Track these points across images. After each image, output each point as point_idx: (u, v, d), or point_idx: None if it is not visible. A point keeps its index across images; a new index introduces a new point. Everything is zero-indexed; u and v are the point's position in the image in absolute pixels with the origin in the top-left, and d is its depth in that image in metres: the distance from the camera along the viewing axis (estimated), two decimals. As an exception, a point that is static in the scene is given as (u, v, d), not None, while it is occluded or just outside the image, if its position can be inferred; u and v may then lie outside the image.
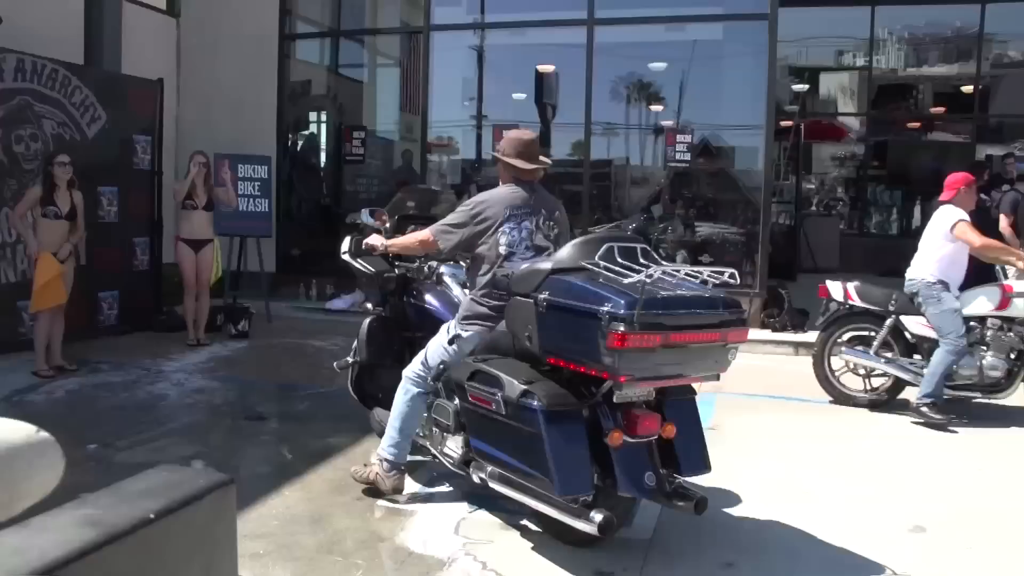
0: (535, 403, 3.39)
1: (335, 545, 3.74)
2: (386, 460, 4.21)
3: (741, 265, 9.95)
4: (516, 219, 4.07)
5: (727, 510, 4.27)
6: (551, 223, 4.17)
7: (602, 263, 3.48)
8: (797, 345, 8.53)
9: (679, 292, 3.46)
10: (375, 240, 4.58)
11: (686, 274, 3.63)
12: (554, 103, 11.13)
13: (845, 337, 6.65)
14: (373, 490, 4.27)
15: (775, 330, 8.95)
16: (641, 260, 3.53)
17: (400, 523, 4.00)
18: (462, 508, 4.18)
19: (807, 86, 16.33)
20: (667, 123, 10.86)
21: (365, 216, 5.01)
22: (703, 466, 3.70)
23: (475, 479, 3.84)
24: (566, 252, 3.68)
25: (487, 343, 3.97)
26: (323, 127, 12.71)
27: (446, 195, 7.89)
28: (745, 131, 10.25)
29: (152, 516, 1.25)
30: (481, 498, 4.27)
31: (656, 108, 11.33)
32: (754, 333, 8.85)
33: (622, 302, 3.23)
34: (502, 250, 4.01)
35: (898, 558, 3.73)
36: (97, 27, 9.36)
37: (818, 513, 4.24)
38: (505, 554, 3.73)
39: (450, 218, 4.17)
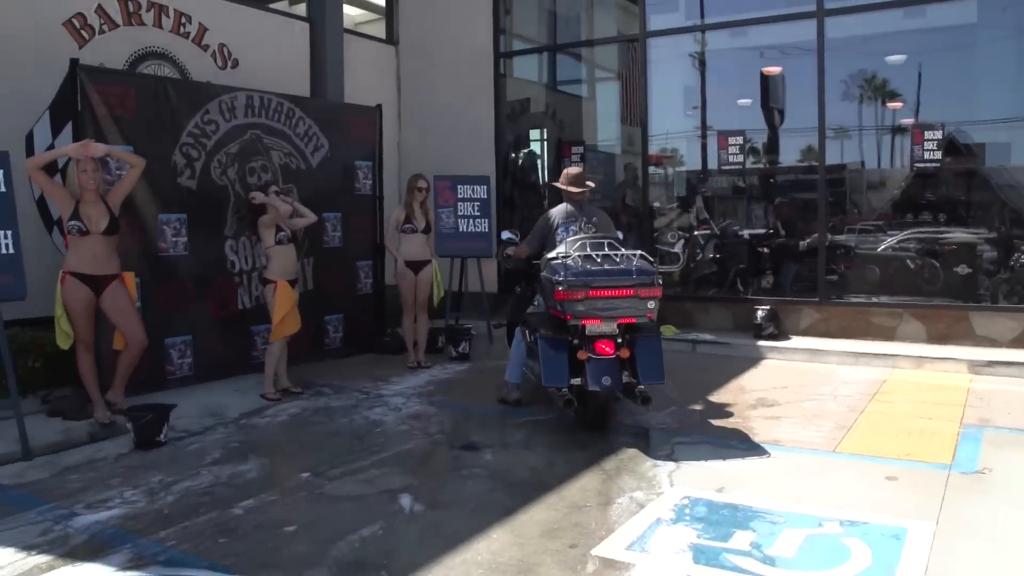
0: (538, 334, 5.72)
1: (542, 601, 3.40)
2: (507, 379, 6.68)
3: (996, 275, 8.80)
4: (565, 225, 6.50)
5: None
6: (590, 226, 6.46)
7: (573, 252, 5.79)
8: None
9: (604, 266, 5.60)
10: (508, 250, 7.06)
11: (604, 255, 5.74)
12: (781, 107, 10.38)
13: None
14: (583, 535, 4.00)
15: (1051, 351, 7.78)
16: (606, 249, 5.80)
17: (614, 577, 3.59)
18: (685, 563, 3.70)
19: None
20: (906, 121, 9.83)
21: (504, 234, 7.34)
22: (655, 377, 5.55)
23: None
24: (561, 247, 6.03)
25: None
26: (541, 144, 12.58)
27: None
28: (1005, 125, 9.06)
29: None
30: (707, 552, 3.79)
31: (894, 105, 10.27)
32: (1026, 355, 7.78)
33: (561, 273, 5.52)
34: (558, 245, 6.21)
35: None
36: (321, 61, 9.72)
37: None
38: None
39: (532, 231, 6.72)
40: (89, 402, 6.17)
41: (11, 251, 5.54)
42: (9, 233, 5.56)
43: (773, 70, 10.32)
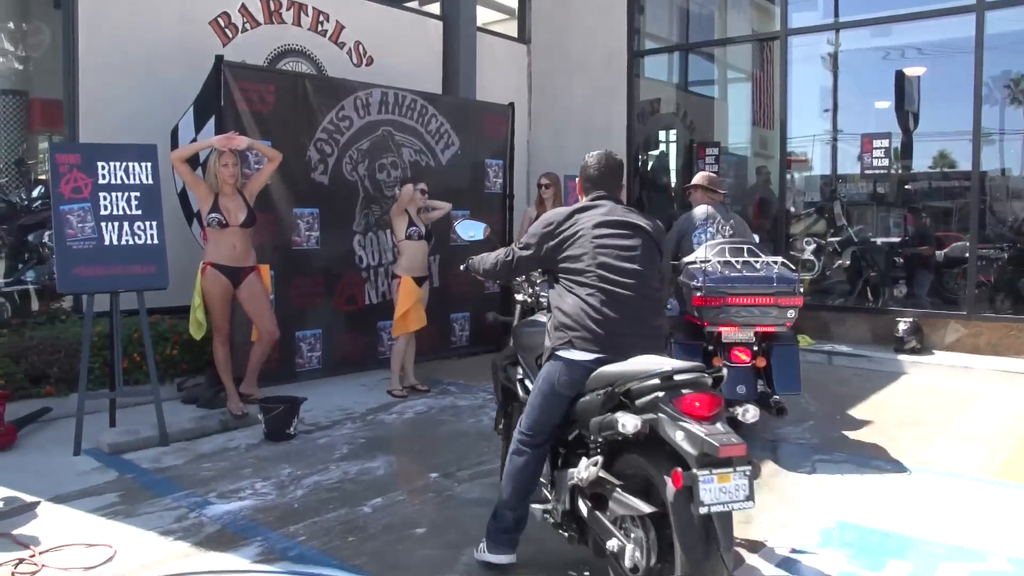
0: (672, 339, 5.51)
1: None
2: None
3: None
4: (703, 226, 6.38)
5: None
6: (727, 227, 6.37)
7: (712, 257, 5.58)
8: None
9: (744, 273, 5.43)
10: None
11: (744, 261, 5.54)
12: (917, 109, 9.79)
13: None
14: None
15: None
16: (746, 255, 5.56)
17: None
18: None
19: None
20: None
21: None
22: (792, 387, 5.49)
23: None
24: (700, 250, 5.81)
25: None
26: (669, 145, 12.29)
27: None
28: None
29: None
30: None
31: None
32: None
33: (700, 278, 5.40)
34: (694, 247, 6.17)
35: None
36: (454, 58, 9.72)
37: None
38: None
39: (669, 233, 6.31)
40: (223, 391, 6.30)
41: (155, 242, 5.70)
42: (154, 224, 5.71)
43: (914, 70, 9.76)
